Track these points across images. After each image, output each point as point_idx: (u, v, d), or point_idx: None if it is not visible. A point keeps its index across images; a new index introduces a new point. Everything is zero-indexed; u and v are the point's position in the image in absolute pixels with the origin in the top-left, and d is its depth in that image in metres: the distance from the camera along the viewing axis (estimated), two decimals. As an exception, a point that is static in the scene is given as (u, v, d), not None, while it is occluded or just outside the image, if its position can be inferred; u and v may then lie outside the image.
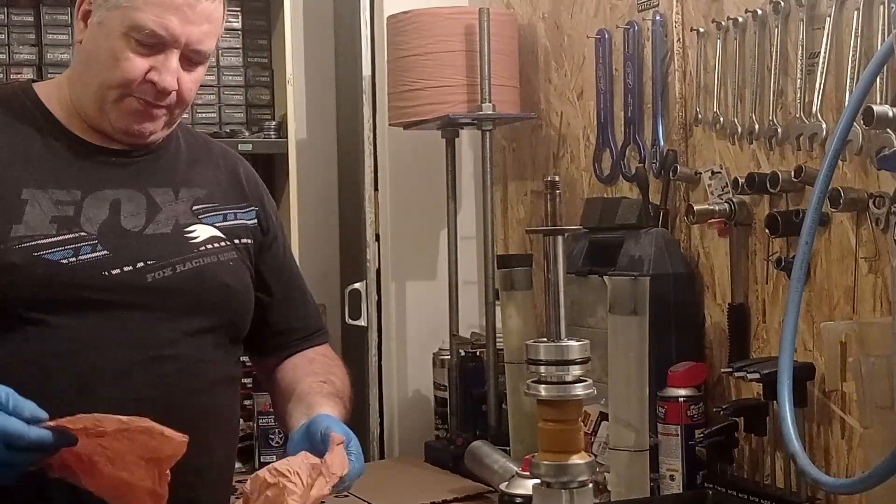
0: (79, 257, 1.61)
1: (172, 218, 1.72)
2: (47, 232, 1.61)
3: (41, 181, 1.64)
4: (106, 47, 1.64)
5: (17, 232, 1.59)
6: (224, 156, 1.89)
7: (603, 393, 2.20)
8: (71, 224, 1.63)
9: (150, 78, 1.64)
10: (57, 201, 1.64)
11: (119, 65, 1.64)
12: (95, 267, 1.62)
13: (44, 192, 1.64)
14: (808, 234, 1.81)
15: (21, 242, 1.59)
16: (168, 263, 1.67)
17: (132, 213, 1.69)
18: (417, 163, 3.13)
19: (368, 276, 3.17)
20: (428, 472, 2.78)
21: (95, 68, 1.66)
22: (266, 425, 2.89)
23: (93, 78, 1.66)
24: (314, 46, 3.59)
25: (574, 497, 1.52)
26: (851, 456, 2.01)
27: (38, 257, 1.59)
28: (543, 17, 2.93)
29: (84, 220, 1.65)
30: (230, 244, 1.77)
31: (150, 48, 1.64)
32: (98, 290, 1.61)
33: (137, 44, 1.63)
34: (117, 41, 1.63)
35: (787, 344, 1.79)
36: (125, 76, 1.64)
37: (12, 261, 1.57)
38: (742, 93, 2.24)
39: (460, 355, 2.87)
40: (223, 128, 3.25)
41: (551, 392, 1.53)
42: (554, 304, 1.54)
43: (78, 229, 1.63)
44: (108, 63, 1.64)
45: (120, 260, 1.64)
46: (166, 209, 1.72)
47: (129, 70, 1.64)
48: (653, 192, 2.47)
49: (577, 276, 2.47)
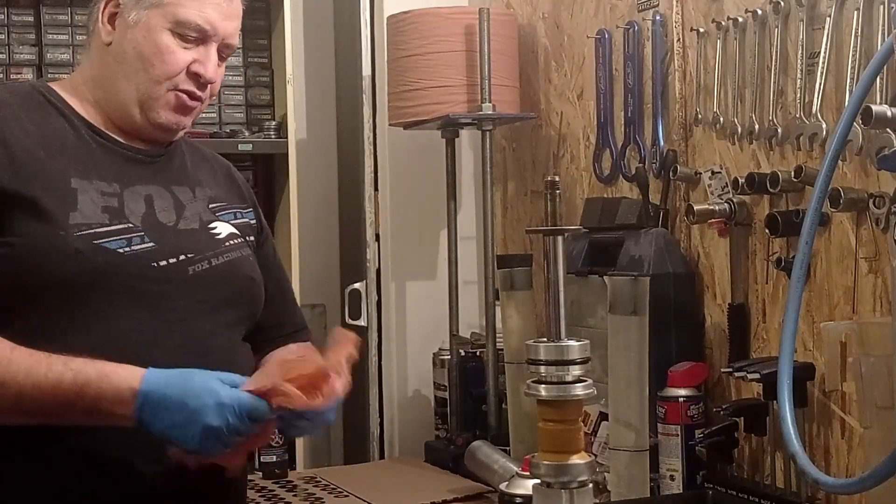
0: (132, 247, 1.66)
1: (196, 215, 1.78)
2: (101, 220, 1.65)
3: (84, 172, 1.68)
4: (148, 44, 1.72)
5: (74, 219, 1.63)
6: (216, 159, 1.96)
7: (603, 393, 2.20)
8: (119, 215, 1.68)
9: (195, 70, 1.73)
10: (102, 192, 1.68)
11: (165, 59, 1.72)
12: (146, 258, 1.67)
13: (89, 182, 1.67)
14: (808, 234, 1.81)
15: (80, 230, 1.62)
16: (204, 257, 1.73)
17: (163, 208, 1.74)
18: (417, 163, 3.13)
19: (368, 276, 3.17)
20: (428, 472, 2.78)
21: (138, 65, 1.72)
22: (266, 425, 2.89)
23: (134, 75, 1.72)
24: (314, 46, 3.59)
25: (574, 497, 1.52)
26: (851, 456, 2.01)
27: (99, 245, 1.63)
28: (543, 17, 2.93)
29: (128, 211, 1.69)
30: (244, 241, 1.83)
31: (192, 42, 1.73)
32: (148, 280, 1.66)
33: (181, 38, 1.72)
34: (161, 36, 1.72)
35: (787, 344, 1.79)
36: (172, 69, 1.72)
37: (77, 247, 1.61)
38: (742, 93, 2.24)
39: (460, 355, 2.87)
40: (223, 128, 3.25)
41: (551, 392, 1.53)
42: (554, 304, 1.54)
43: (126, 220, 1.68)
44: (154, 59, 1.72)
45: (165, 252, 1.69)
46: (189, 207, 1.78)
47: (176, 63, 1.72)
48: (653, 192, 2.47)
49: (577, 276, 2.46)
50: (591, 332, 2.34)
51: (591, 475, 1.54)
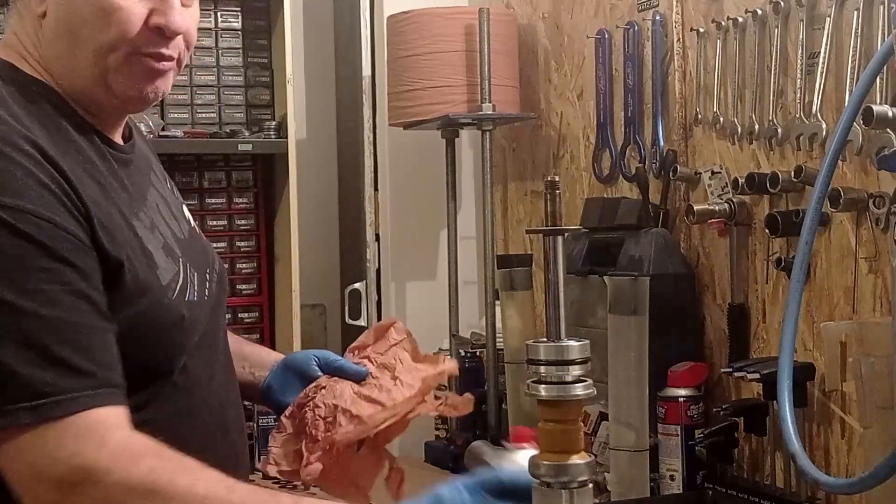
0: (194, 286, 1.43)
1: (181, 213, 1.54)
2: (172, 268, 1.38)
3: (126, 204, 1.37)
4: (87, 4, 1.34)
5: (164, 279, 1.35)
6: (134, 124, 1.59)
7: (603, 393, 2.20)
8: (172, 252, 1.41)
9: (155, 23, 1.35)
10: (147, 227, 1.39)
11: (112, 18, 1.33)
12: (202, 289, 1.45)
13: (138, 220, 1.38)
14: (808, 234, 1.81)
15: (173, 291, 1.36)
16: (212, 267, 1.53)
17: (169, 217, 1.48)
18: (417, 163, 3.13)
19: (368, 276, 3.17)
20: (428, 472, 2.78)
21: (83, 35, 1.34)
22: (266, 425, 2.88)
23: (82, 49, 1.35)
24: (314, 46, 3.60)
25: (574, 497, 1.52)
26: (851, 456, 2.01)
27: (189, 301, 1.39)
28: (543, 17, 2.93)
29: (169, 242, 1.42)
30: None
31: None
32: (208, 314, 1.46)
33: None
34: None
35: (787, 344, 1.79)
36: (124, 28, 1.34)
37: (182, 313, 1.37)
38: (742, 93, 2.24)
39: (460, 355, 2.87)
40: (223, 128, 3.25)
41: (551, 392, 1.52)
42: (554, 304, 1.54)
43: (176, 255, 1.41)
44: (97, 22, 1.34)
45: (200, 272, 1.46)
46: (173, 204, 1.52)
47: (127, 20, 1.34)
48: (653, 192, 2.47)
49: (577, 276, 2.47)
50: (591, 332, 2.34)
51: (591, 475, 1.54)
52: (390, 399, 1.53)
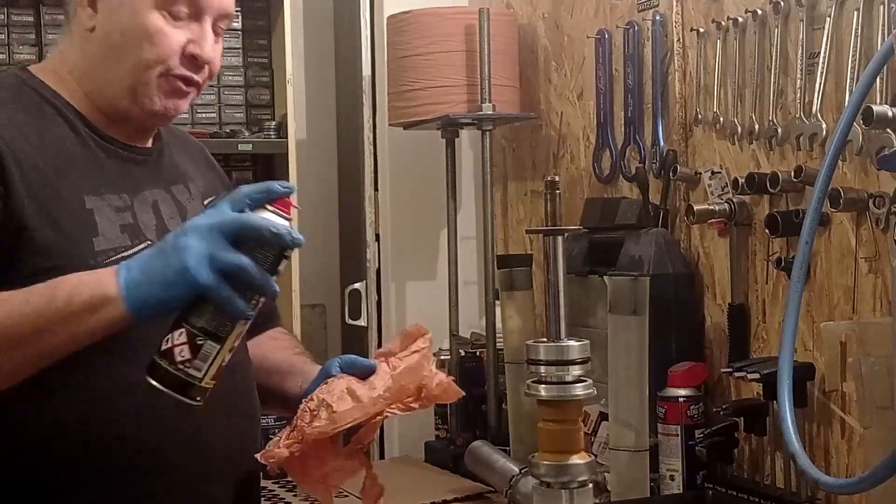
0: None
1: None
2: (124, 243, 1.51)
3: (94, 186, 1.53)
4: (135, 25, 1.53)
5: (99, 245, 1.49)
6: (192, 142, 1.82)
7: (603, 393, 2.20)
8: (138, 232, 1.54)
9: (191, 51, 1.55)
10: (115, 207, 1.54)
11: (156, 41, 1.53)
12: None
13: (101, 198, 1.53)
14: (808, 234, 1.81)
15: (107, 256, 1.48)
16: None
17: (170, 215, 1.61)
18: (417, 163, 3.13)
19: (368, 276, 3.17)
20: (428, 472, 2.78)
21: (126, 51, 1.54)
22: (266, 425, 2.87)
23: (123, 62, 1.54)
24: (314, 46, 3.60)
25: (574, 497, 1.52)
26: (851, 456, 2.01)
27: None
28: (543, 17, 2.93)
29: (142, 227, 1.56)
30: None
31: (184, 19, 1.55)
32: None
33: (171, 17, 1.54)
34: (149, 16, 1.53)
35: (787, 344, 1.79)
36: (164, 52, 1.53)
37: None
38: (742, 93, 2.24)
39: (460, 355, 2.87)
40: (223, 128, 3.25)
41: (551, 392, 1.53)
42: (554, 304, 1.54)
43: (144, 237, 1.54)
44: (141, 42, 1.53)
45: None
46: (189, 207, 1.65)
47: (168, 45, 1.53)
48: (653, 192, 2.47)
49: (577, 276, 2.46)
50: (591, 332, 2.34)
51: (591, 475, 1.54)
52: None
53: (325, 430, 1.48)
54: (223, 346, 1.36)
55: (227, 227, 1.35)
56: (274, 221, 1.36)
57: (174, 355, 1.34)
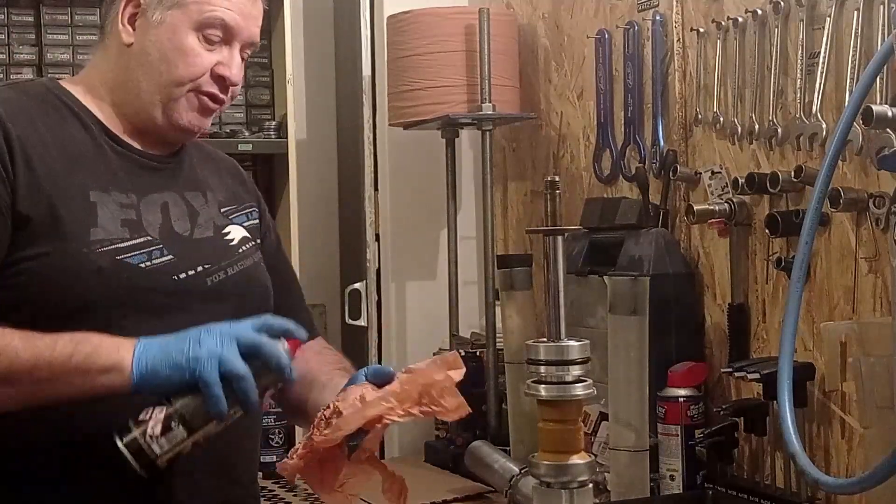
0: (152, 261, 1.62)
1: (210, 221, 1.74)
2: (122, 235, 1.61)
3: (103, 184, 1.64)
4: (172, 45, 1.66)
5: (96, 235, 1.58)
6: (222, 158, 1.92)
7: (603, 393, 2.20)
8: (138, 227, 1.63)
9: (220, 72, 1.68)
10: (120, 204, 1.64)
11: (190, 60, 1.66)
12: (166, 271, 1.63)
13: (107, 194, 1.63)
14: (808, 234, 1.81)
15: (102, 245, 1.58)
16: (220, 267, 1.70)
17: (178, 217, 1.70)
18: (417, 163, 3.13)
19: (368, 276, 3.17)
20: (428, 472, 2.78)
21: (160, 67, 1.67)
22: (266, 425, 2.89)
23: (157, 77, 1.67)
24: (314, 46, 3.59)
25: (574, 497, 1.52)
26: (851, 456, 2.01)
27: (121, 261, 1.59)
28: (543, 17, 2.93)
29: (146, 223, 1.65)
30: (255, 245, 1.80)
31: (216, 43, 1.68)
32: (169, 294, 1.61)
33: (205, 40, 1.67)
34: (186, 37, 1.66)
35: (787, 344, 1.79)
36: (196, 71, 1.67)
37: (99, 265, 1.57)
38: (742, 93, 2.24)
39: (460, 355, 2.86)
40: (223, 128, 3.25)
41: (551, 392, 1.53)
42: (554, 304, 1.54)
43: (144, 233, 1.63)
44: (178, 60, 1.66)
45: (184, 264, 1.65)
46: (202, 213, 1.74)
47: (200, 65, 1.67)
48: (653, 192, 2.47)
49: (577, 276, 2.46)
50: (591, 332, 2.34)
51: (591, 475, 1.54)
52: None
53: (331, 436, 1.49)
54: (190, 437, 1.47)
55: (244, 340, 1.49)
56: (283, 354, 1.50)
57: (147, 427, 1.46)
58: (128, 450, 1.45)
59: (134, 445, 1.45)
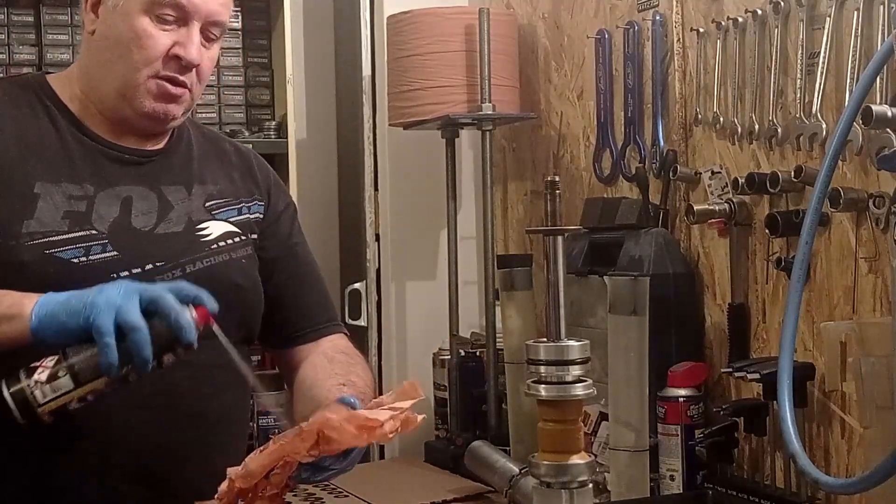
0: (89, 257, 1.59)
1: (185, 216, 1.71)
2: (59, 228, 1.58)
3: (54, 175, 1.62)
4: (126, 29, 1.63)
5: (28, 227, 1.56)
6: (237, 153, 1.88)
7: (603, 393, 2.20)
8: (82, 221, 1.61)
9: (175, 52, 1.64)
10: (69, 196, 1.61)
11: (143, 43, 1.63)
12: (105, 268, 1.59)
13: (56, 185, 1.61)
14: (808, 234, 1.81)
15: (33, 238, 1.56)
16: (178, 264, 1.66)
17: (143, 211, 1.67)
18: (417, 163, 3.13)
19: (368, 276, 3.17)
20: (428, 472, 2.78)
21: (117, 53, 1.64)
22: (266, 425, 2.89)
23: (115, 64, 1.65)
24: (314, 46, 3.59)
25: (574, 497, 1.52)
26: (851, 456, 2.01)
27: (50, 255, 1.57)
28: (543, 17, 2.93)
29: (95, 217, 1.62)
30: (245, 239, 1.76)
31: (171, 23, 1.64)
32: None
33: (158, 20, 1.63)
34: (138, 20, 1.63)
35: (787, 344, 1.79)
36: (151, 54, 1.63)
37: (23, 258, 1.55)
38: (742, 93, 2.24)
39: (460, 355, 2.87)
40: (223, 128, 3.25)
41: (551, 392, 1.53)
42: (554, 304, 1.54)
43: (89, 227, 1.61)
44: (131, 44, 1.63)
45: (129, 261, 1.62)
46: (178, 207, 1.71)
47: (154, 47, 1.63)
48: (653, 192, 2.47)
49: (577, 276, 2.46)
50: (591, 332, 2.34)
51: (591, 475, 1.54)
52: None
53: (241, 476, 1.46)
54: (75, 390, 1.43)
55: (146, 295, 1.42)
56: (183, 313, 1.43)
57: (34, 373, 1.42)
58: (12, 398, 1.41)
59: (19, 395, 1.42)
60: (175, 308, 1.42)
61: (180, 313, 1.42)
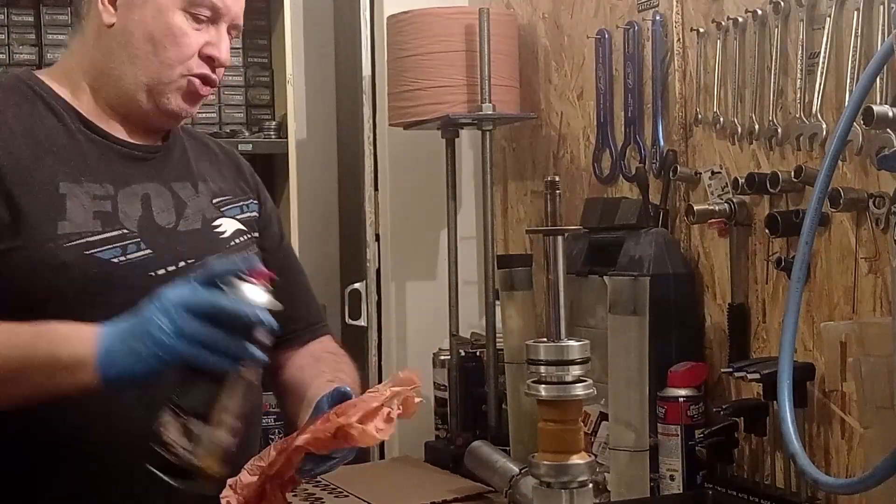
0: (127, 256, 1.56)
1: (199, 213, 1.69)
2: (93, 228, 1.55)
3: (74, 174, 1.57)
4: (159, 24, 1.60)
5: (63, 229, 1.52)
6: (224, 151, 1.87)
7: (603, 393, 2.20)
8: (112, 220, 1.57)
9: (208, 52, 1.63)
10: (94, 195, 1.57)
11: (179, 41, 1.61)
12: (143, 267, 1.57)
13: (79, 185, 1.57)
14: (808, 234, 1.81)
15: (70, 240, 1.52)
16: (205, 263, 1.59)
17: (162, 208, 1.64)
18: (417, 163, 3.13)
19: (368, 276, 3.17)
20: (428, 472, 2.78)
21: (147, 48, 1.61)
22: (266, 425, 2.89)
23: (142, 59, 1.61)
24: (314, 46, 3.59)
25: (574, 497, 1.52)
26: (851, 456, 2.01)
27: (90, 255, 1.53)
28: (543, 17, 2.93)
29: (122, 215, 1.58)
30: (250, 238, 1.75)
31: (204, 23, 1.63)
32: (146, 290, 1.46)
33: (193, 18, 1.62)
34: (173, 16, 1.61)
35: (787, 344, 1.79)
36: (186, 52, 1.62)
37: (63, 260, 1.51)
38: (742, 93, 2.24)
39: (460, 355, 2.87)
40: (223, 128, 3.25)
41: (551, 392, 1.53)
42: (554, 304, 1.54)
43: (119, 226, 1.57)
44: (165, 41, 1.60)
45: (164, 260, 1.59)
46: (191, 204, 1.68)
47: (189, 45, 1.62)
48: (653, 192, 2.47)
49: (577, 276, 2.46)
50: (591, 332, 2.34)
51: (591, 475, 1.54)
52: None
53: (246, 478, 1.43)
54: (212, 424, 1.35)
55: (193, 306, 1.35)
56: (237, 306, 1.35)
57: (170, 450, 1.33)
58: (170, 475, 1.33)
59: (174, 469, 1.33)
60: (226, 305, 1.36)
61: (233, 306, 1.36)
